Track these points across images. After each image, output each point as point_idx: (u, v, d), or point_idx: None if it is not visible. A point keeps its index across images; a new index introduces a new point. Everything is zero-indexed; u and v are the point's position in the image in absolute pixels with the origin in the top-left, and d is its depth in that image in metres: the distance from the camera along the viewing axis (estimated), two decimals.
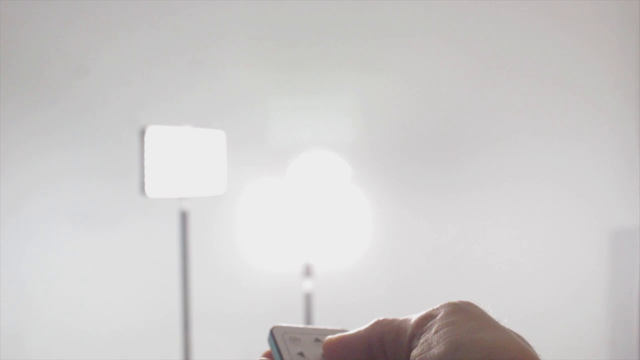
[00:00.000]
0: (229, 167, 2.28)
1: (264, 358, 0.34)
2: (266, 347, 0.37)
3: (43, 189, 2.56)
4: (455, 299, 0.32)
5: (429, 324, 0.29)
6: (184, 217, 2.21)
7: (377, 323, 0.32)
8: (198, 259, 2.40)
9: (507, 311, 0.30)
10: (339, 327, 0.35)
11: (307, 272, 2.43)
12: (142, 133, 2.06)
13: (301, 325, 0.35)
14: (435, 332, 0.28)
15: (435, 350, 0.28)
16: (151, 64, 2.60)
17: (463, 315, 0.30)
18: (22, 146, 2.55)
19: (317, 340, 0.35)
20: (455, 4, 2.72)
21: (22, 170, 2.55)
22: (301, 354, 0.34)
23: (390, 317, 0.32)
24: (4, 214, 2.52)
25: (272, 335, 0.35)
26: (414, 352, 0.29)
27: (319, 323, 2.34)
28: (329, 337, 0.33)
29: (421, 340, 0.29)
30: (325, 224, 2.50)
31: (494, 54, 2.75)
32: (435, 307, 0.31)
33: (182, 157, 2.13)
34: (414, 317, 0.31)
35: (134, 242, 2.59)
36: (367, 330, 0.32)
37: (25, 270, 2.54)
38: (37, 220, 2.55)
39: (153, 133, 2.07)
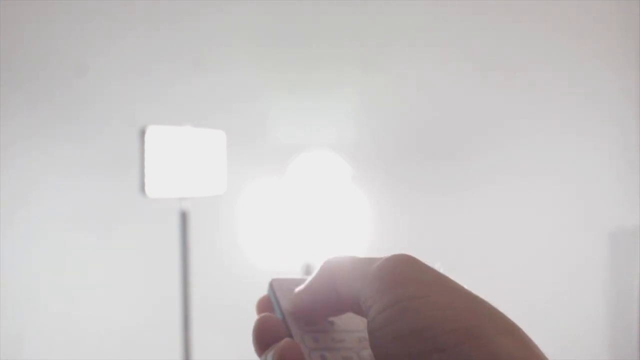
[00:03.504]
0: (229, 167, 2.28)
1: (265, 313, 0.34)
2: None
3: (43, 189, 2.56)
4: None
5: (380, 290, 0.28)
6: (184, 217, 2.21)
7: (327, 268, 0.32)
8: (198, 259, 2.40)
9: (506, 311, 0.30)
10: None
11: (307, 272, 2.43)
12: (142, 133, 2.06)
13: (298, 277, 0.35)
14: (390, 306, 0.27)
15: (394, 330, 0.26)
16: (151, 63, 2.60)
17: (414, 287, 0.27)
18: (22, 146, 2.55)
19: None
20: (456, 4, 2.72)
21: (22, 170, 2.55)
22: None
23: (345, 256, 0.32)
24: (4, 214, 2.52)
25: (272, 288, 0.36)
26: (369, 323, 0.28)
27: None
28: (292, 300, 0.33)
29: (372, 309, 0.28)
30: (325, 224, 2.50)
31: (494, 53, 2.75)
32: (378, 265, 0.29)
33: (182, 157, 2.13)
34: (369, 270, 0.29)
35: (134, 242, 2.59)
36: (317, 279, 0.32)
37: (24, 270, 2.54)
38: (37, 220, 2.55)
39: (153, 133, 2.07)
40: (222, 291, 2.63)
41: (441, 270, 0.31)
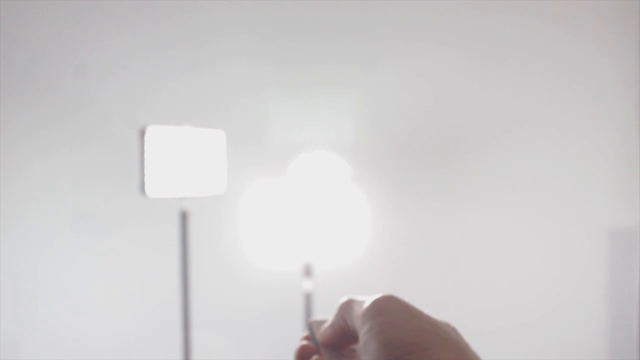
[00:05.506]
0: (229, 167, 2.28)
1: (304, 341, 0.45)
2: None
3: (43, 190, 2.56)
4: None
5: (364, 321, 0.39)
6: (184, 217, 2.21)
7: (340, 309, 0.43)
8: (198, 259, 2.40)
9: (506, 311, 0.30)
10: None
11: (307, 271, 2.43)
12: (142, 133, 2.06)
13: (328, 318, 0.45)
14: (369, 331, 0.38)
15: (370, 347, 0.38)
16: (151, 63, 2.60)
17: (386, 316, 0.39)
18: (22, 147, 2.55)
19: None
20: (456, 4, 2.72)
21: (22, 171, 2.55)
22: None
23: (352, 297, 0.43)
24: (4, 214, 2.52)
25: (310, 326, 0.46)
26: (359, 345, 0.39)
27: None
28: (321, 334, 0.45)
29: (360, 335, 0.39)
30: (325, 224, 2.50)
31: (494, 54, 2.75)
32: (367, 303, 0.40)
33: (182, 157, 2.13)
34: (362, 308, 0.40)
35: (134, 242, 2.59)
36: (336, 318, 0.43)
37: (25, 270, 2.54)
38: (38, 220, 2.56)
39: (153, 133, 2.07)
40: (222, 291, 2.63)
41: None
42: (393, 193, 2.74)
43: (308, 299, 2.41)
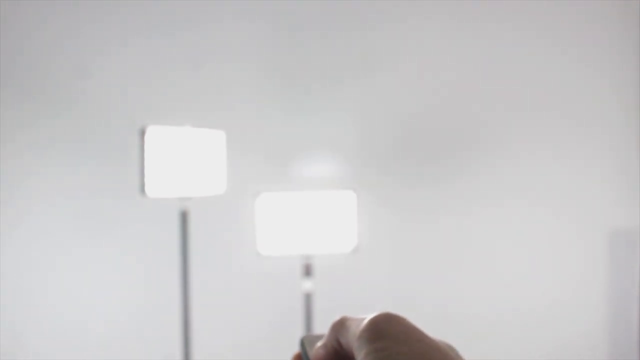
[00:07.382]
0: (229, 167, 2.28)
1: None
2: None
3: (44, 189, 2.56)
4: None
5: (361, 345, 0.37)
6: (184, 217, 2.21)
7: (333, 328, 0.41)
8: (198, 259, 2.40)
9: (506, 311, 0.30)
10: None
11: (307, 272, 2.43)
12: (142, 133, 2.06)
13: (321, 334, 0.44)
14: (365, 357, 0.36)
15: None
16: (152, 64, 2.60)
17: (386, 341, 0.37)
18: (23, 147, 2.55)
19: None
20: (455, 6, 2.72)
21: (23, 170, 2.55)
22: None
23: (347, 316, 0.41)
24: (4, 214, 2.52)
25: (302, 343, 0.44)
26: None
27: (319, 323, 2.35)
28: (314, 354, 0.43)
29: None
30: (325, 224, 2.50)
31: (493, 56, 2.75)
32: (364, 324, 0.38)
33: (182, 157, 2.13)
34: (358, 329, 0.38)
35: (134, 242, 2.59)
36: (328, 338, 0.41)
37: (25, 270, 2.55)
38: (38, 220, 2.56)
39: (153, 133, 2.07)
40: (222, 291, 2.63)
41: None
42: (393, 194, 2.74)
43: (308, 299, 2.41)
